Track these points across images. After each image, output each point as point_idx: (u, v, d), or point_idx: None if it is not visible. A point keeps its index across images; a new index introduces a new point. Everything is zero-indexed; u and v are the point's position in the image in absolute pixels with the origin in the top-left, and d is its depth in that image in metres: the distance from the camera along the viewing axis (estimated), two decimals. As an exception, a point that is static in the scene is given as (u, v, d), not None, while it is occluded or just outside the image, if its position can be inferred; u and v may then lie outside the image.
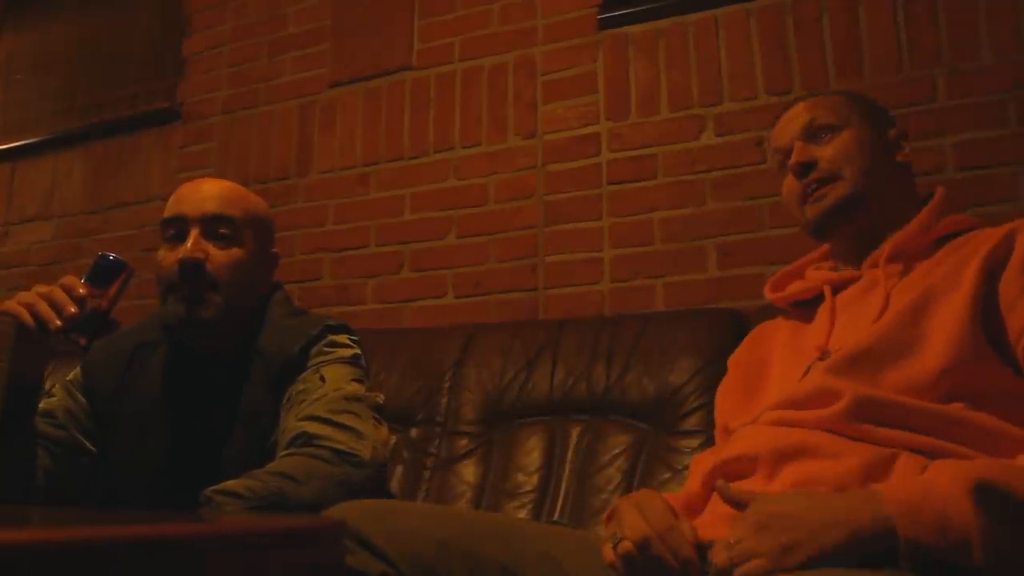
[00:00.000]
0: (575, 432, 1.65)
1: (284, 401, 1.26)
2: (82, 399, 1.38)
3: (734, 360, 1.25)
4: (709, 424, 1.47)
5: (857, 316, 1.06)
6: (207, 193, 1.32)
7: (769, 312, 1.33)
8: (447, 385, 1.80)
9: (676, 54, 2.05)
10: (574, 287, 2.05)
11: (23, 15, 3.22)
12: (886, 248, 1.09)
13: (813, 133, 1.15)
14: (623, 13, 2.11)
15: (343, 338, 1.34)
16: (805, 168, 1.14)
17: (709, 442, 1.41)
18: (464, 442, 1.73)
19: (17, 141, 3.03)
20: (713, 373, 1.50)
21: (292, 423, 1.20)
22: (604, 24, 2.13)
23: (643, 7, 2.09)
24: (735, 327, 1.61)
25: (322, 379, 1.25)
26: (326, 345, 1.31)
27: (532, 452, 1.66)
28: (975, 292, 0.96)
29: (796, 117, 1.18)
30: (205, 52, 2.72)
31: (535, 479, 1.62)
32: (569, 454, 1.63)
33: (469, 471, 1.70)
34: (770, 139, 1.23)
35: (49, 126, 3.01)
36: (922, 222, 1.09)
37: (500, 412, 1.74)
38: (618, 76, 2.10)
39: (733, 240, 1.91)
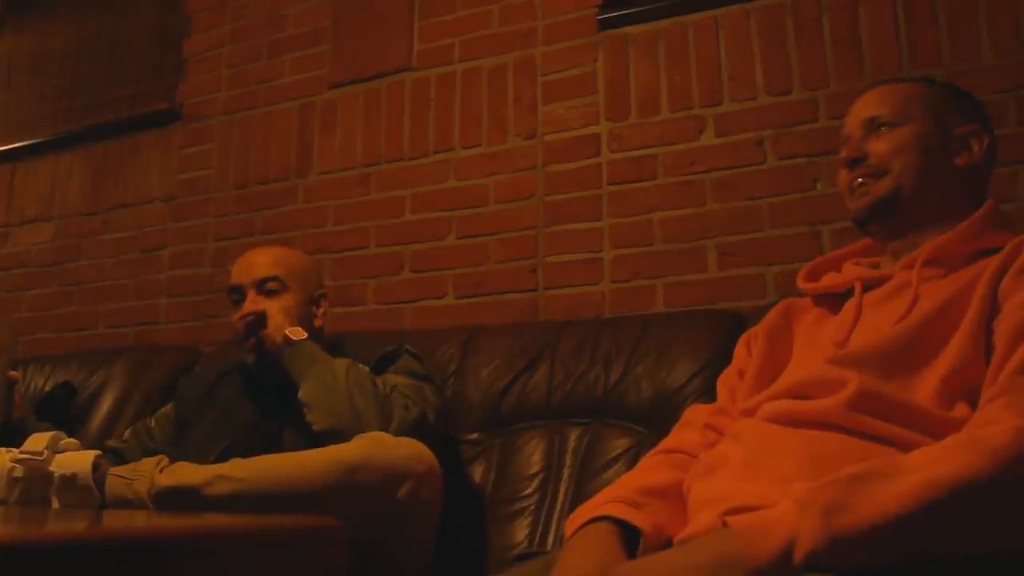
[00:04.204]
0: (574, 436, 1.65)
1: None
2: (156, 424, 1.77)
3: (766, 325, 1.22)
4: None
5: (882, 316, 1.05)
6: (255, 261, 1.69)
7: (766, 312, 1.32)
8: (448, 392, 1.79)
9: (676, 54, 2.05)
10: (574, 287, 2.04)
11: (23, 15, 3.22)
12: (923, 251, 1.08)
13: (873, 126, 1.16)
14: (623, 13, 2.11)
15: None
16: (854, 163, 1.16)
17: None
18: (464, 447, 1.73)
19: (17, 142, 3.03)
20: (712, 374, 1.50)
21: None
22: (604, 24, 2.13)
23: (643, 7, 2.09)
24: (735, 328, 1.61)
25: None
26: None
27: (531, 456, 1.66)
28: (982, 304, 0.97)
29: (864, 107, 1.18)
30: (205, 53, 2.72)
31: (535, 483, 1.62)
32: (568, 458, 1.62)
33: (470, 476, 1.70)
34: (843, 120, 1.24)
35: (49, 127, 3.01)
36: (963, 232, 1.07)
37: (500, 416, 1.74)
38: (618, 76, 2.10)
39: (733, 240, 1.91)
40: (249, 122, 2.59)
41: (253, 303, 1.63)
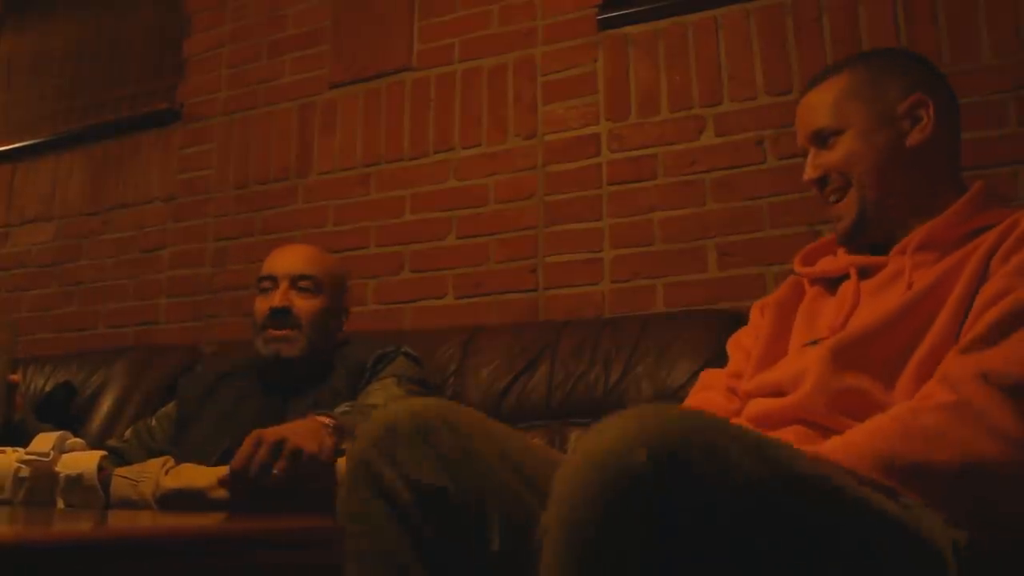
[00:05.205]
0: (574, 436, 1.65)
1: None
2: (157, 423, 1.76)
3: (777, 298, 1.23)
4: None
5: (879, 304, 1.05)
6: (294, 256, 1.69)
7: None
8: (448, 392, 1.80)
9: (676, 54, 2.05)
10: (574, 287, 2.04)
11: (23, 15, 3.22)
12: (915, 237, 1.07)
13: (821, 139, 1.14)
14: (623, 13, 2.11)
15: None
16: (819, 184, 1.15)
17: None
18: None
19: (17, 142, 3.03)
20: (713, 374, 1.50)
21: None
22: (604, 24, 2.13)
23: (643, 7, 2.09)
24: (735, 328, 1.61)
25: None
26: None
27: (531, 456, 1.66)
28: (970, 280, 0.97)
29: (806, 119, 1.17)
30: (205, 53, 2.72)
31: (535, 483, 1.62)
32: (568, 458, 1.62)
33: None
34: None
35: (49, 127, 3.01)
36: (950, 217, 1.06)
37: (500, 416, 1.72)
38: (618, 76, 2.10)
39: (733, 240, 1.91)
40: (249, 122, 2.59)
41: (284, 296, 1.62)
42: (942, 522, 0.79)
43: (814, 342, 1.06)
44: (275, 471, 1.20)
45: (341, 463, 1.27)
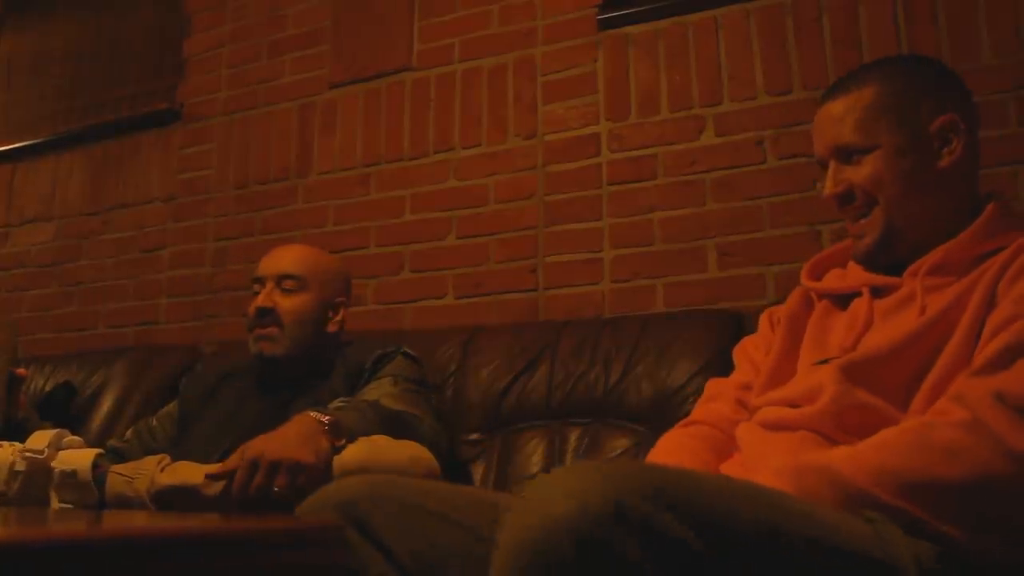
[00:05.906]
0: (574, 436, 1.65)
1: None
2: (158, 423, 1.77)
3: (788, 313, 1.20)
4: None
5: (892, 328, 1.04)
6: (280, 256, 1.72)
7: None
8: (448, 393, 1.79)
9: (676, 54, 2.05)
10: (574, 287, 2.04)
11: (23, 15, 3.22)
12: (928, 260, 1.06)
13: (846, 155, 1.11)
14: (623, 13, 2.10)
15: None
16: (842, 200, 1.12)
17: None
18: (464, 447, 1.73)
19: (17, 142, 3.03)
20: (712, 374, 1.50)
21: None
22: (604, 24, 2.13)
23: (643, 7, 2.09)
24: (735, 327, 1.61)
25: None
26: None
27: (531, 456, 1.66)
28: (979, 307, 0.97)
29: (829, 131, 1.12)
30: (205, 53, 2.72)
31: (534, 483, 1.62)
32: (568, 458, 1.62)
33: (470, 476, 1.69)
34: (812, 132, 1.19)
35: (49, 127, 3.01)
36: (963, 241, 1.05)
37: (500, 416, 1.74)
38: (618, 76, 2.10)
39: (733, 240, 1.91)
40: (249, 122, 2.59)
41: (268, 296, 1.65)
42: (903, 536, 0.79)
43: (824, 361, 1.05)
44: (276, 487, 1.22)
45: (337, 460, 1.28)
